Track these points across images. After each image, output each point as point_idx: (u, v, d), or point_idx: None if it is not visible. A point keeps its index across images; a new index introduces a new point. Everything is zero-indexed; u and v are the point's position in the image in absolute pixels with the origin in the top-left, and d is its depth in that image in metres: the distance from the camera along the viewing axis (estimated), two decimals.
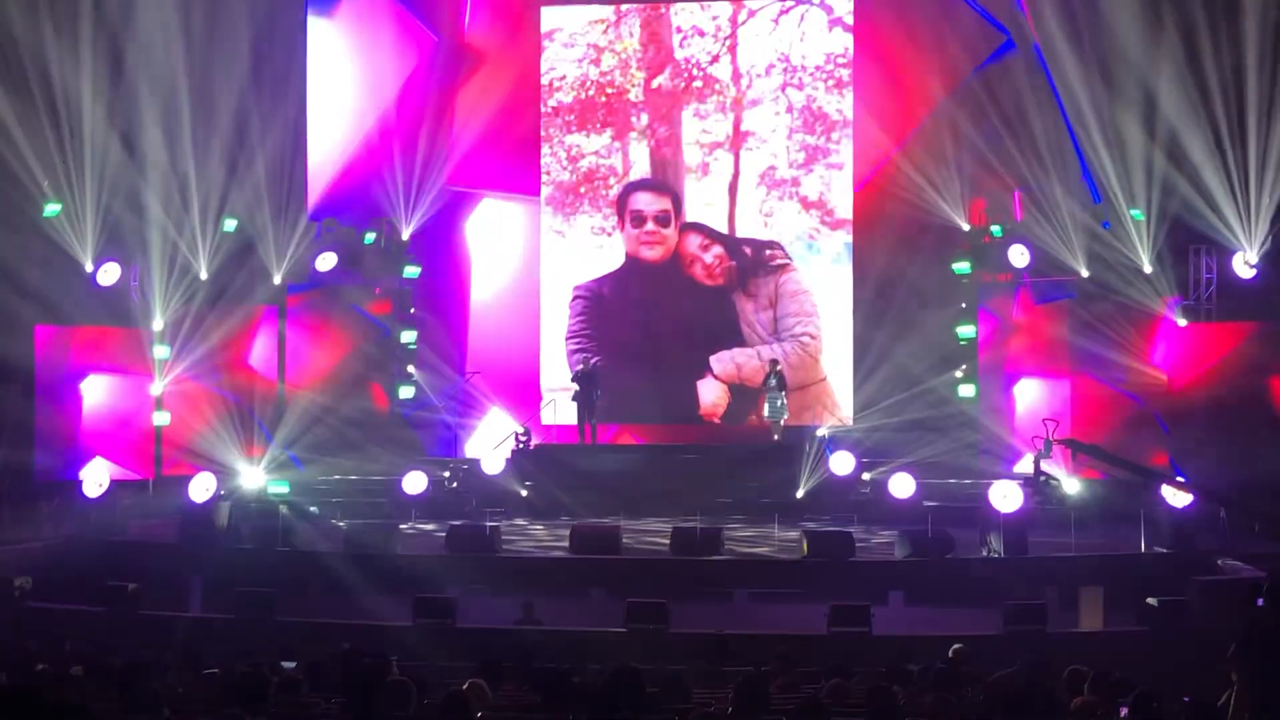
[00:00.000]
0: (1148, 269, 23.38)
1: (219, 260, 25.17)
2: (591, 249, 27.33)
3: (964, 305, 25.07)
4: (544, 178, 27.47)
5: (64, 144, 24.26)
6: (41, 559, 19.30)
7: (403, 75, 27.64)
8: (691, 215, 27.08)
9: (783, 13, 26.74)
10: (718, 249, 26.97)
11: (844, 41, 26.57)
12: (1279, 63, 22.34)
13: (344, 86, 27.67)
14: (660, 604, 16.35)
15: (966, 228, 25.34)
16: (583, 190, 27.49)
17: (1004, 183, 25.04)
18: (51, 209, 24.34)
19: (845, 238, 26.51)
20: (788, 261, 26.68)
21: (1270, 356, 22.49)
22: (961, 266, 24.98)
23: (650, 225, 27.28)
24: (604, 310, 27.36)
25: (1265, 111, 22.43)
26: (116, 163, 24.43)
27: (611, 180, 27.40)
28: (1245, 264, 22.81)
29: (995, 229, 25.02)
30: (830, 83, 26.64)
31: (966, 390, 24.73)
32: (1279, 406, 22.03)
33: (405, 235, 26.81)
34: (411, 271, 26.59)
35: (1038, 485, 19.53)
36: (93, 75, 24.45)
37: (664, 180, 27.30)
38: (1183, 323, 22.92)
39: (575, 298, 27.34)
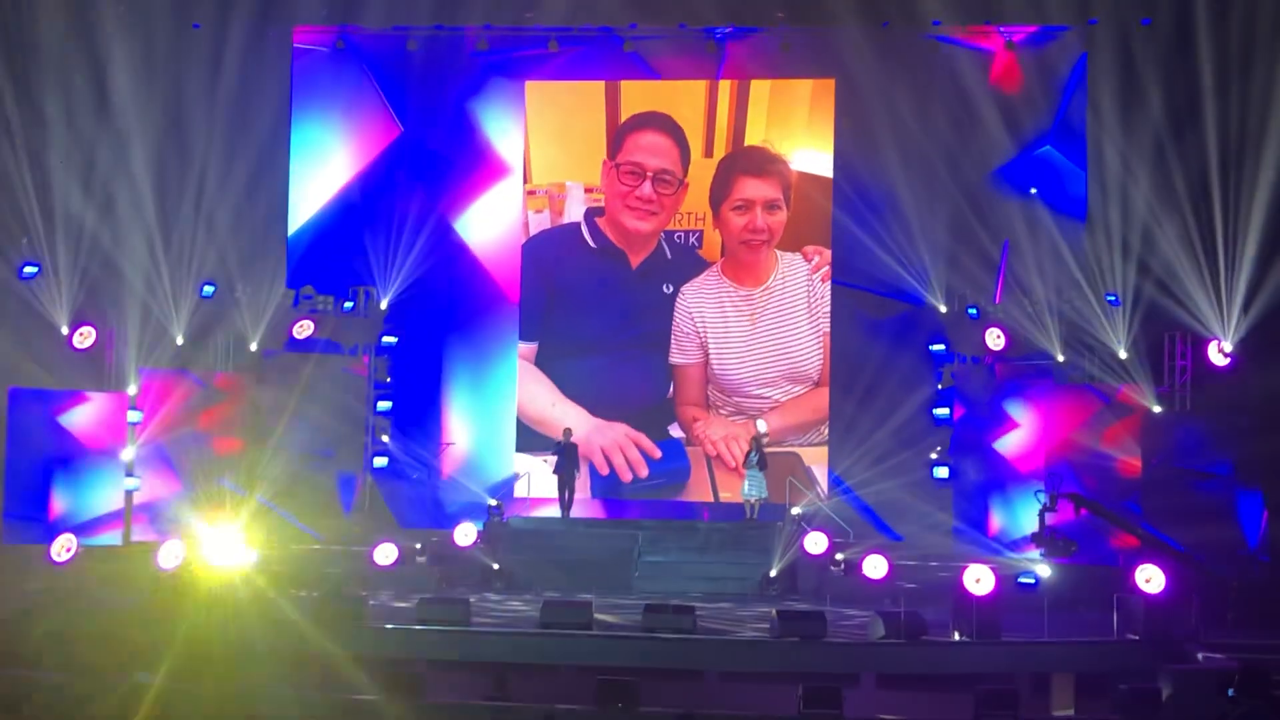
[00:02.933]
0: (1123, 355, 23.52)
1: (195, 325, 25.12)
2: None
3: (940, 387, 25.18)
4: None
5: (42, 206, 24.27)
6: (6, 623, 19.06)
7: (385, 143, 27.85)
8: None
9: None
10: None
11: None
12: (1255, 150, 22.59)
13: (327, 153, 27.85)
14: (630, 682, 16.23)
15: (943, 309, 25.52)
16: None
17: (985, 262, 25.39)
18: (29, 270, 24.30)
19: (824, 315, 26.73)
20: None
21: None
22: (938, 347, 25.13)
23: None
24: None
25: (1241, 201, 22.65)
26: (94, 226, 24.45)
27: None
28: (1220, 352, 22.92)
29: (971, 310, 25.19)
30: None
31: (941, 472, 24.75)
32: None
33: (384, 304, 26.83)
34: (389, 340, 26.56)
35: (1042, 541, 19.59)
36: (73, 138, 24.55)
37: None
38: (1157, 410, 22.98)
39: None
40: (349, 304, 26.56)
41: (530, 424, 27.05)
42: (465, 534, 23.49)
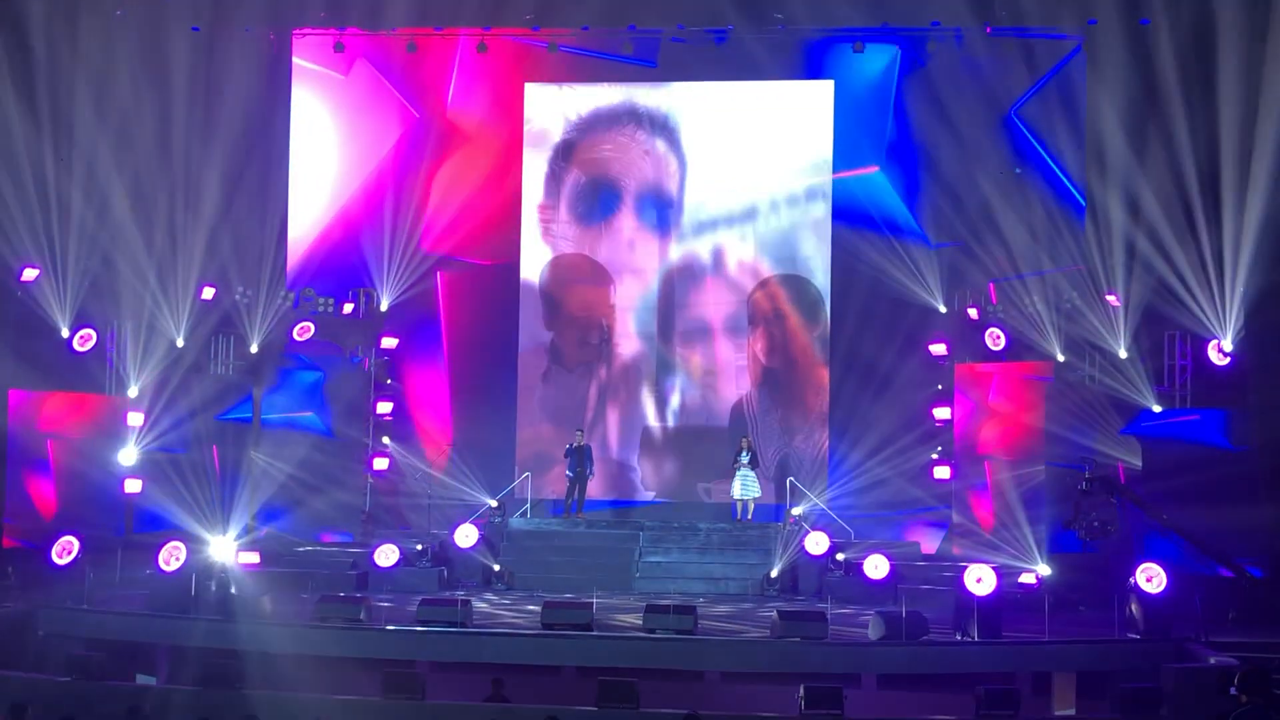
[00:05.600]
0: (1123, 355, 23.52)
1: (196, 328, 25.12)
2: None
3: (940, 387, 25.16)
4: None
5: (44, 208, 24.27)
6: (7, 626, 19.08)
7: (385, 147, 27.84)
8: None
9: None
10: None
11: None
12: (1252, 151, 22.58)
13: (326, 156, 27.90)
14: (631, 682, 16.25)
15: (943, 310, 25.54)
16: None
17: (983, 267, 25.43)
18: (29, 273, 24.29)
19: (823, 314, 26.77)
20: None
21: None
22: (938, 348, 25.10)
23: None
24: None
25: (1240, 199, 22.65)
26: (95, 228, 24.46)
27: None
28: (1220, 352, 22.93)
29: (971, 311, 25.18)
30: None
31: (942, 472, 24.74)
32: None
33: (384, 306, 26.85)
34: (389, 342, 26.54)
35: (1077, 519, 19.59)
36: (74, 141, 24.55)
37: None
38: (1158, 409, 22.99)
39: None
40: (349, 306, 26.55)
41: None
42: (466, 535, 23.50)
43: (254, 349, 25.60)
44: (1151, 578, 18.68)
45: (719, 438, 26.70)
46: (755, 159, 27.08)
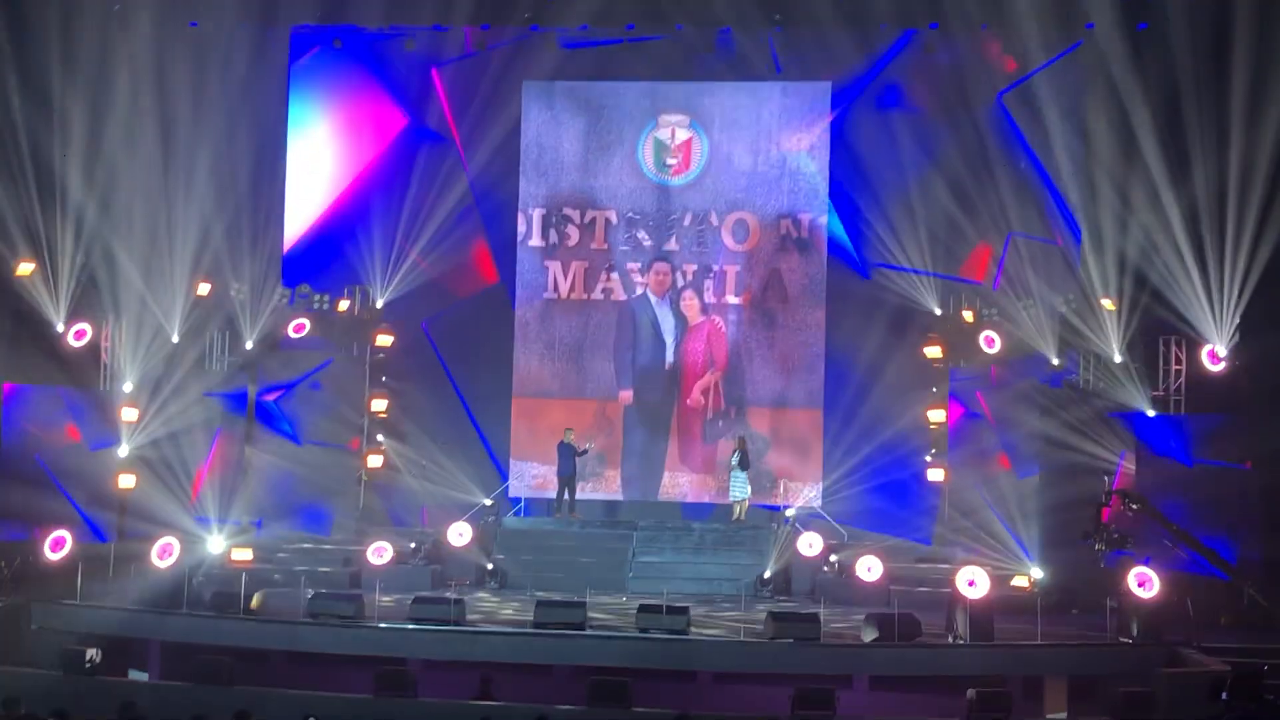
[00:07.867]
0: (1118, 359, 23.54)
1: (191, 324, 25.10)
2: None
3: (935, 390, 25.16)
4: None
5: (39, 203, 24.25)
6: (0, 620, 19.07)
7: (382, 143, 27.79)
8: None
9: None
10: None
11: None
12: (1251, 157, 22.59)
13: (323, 151, 27.83)
14: (623, 682, 16.27)
15: (938, 313, 25.54)
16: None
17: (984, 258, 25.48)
18: (24, 267, 24.26)
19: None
20: None
21: None
22: (933, 351, 25.09)
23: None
24: None
25: (1237, 205, 22.65)
26: (92, 224, 24.44)
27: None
28: (1213, 358, 22.94)
29: (965, 314, 25.19)
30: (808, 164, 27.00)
31: (936, 475, 24.75)
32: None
33: (379, 303, 26.81)
34: (384, 339, 26.49)
35: (1097, 531, 19.60)
36: (70, 136, 24.53)
37: None
38: (1151, 414, 23.00)
39: None
40: (345, 303, 26.53)
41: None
42: (460, 533, 23.50)
43: (249, 345, 25.57)
44: (1143, 582, 18.72)
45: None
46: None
